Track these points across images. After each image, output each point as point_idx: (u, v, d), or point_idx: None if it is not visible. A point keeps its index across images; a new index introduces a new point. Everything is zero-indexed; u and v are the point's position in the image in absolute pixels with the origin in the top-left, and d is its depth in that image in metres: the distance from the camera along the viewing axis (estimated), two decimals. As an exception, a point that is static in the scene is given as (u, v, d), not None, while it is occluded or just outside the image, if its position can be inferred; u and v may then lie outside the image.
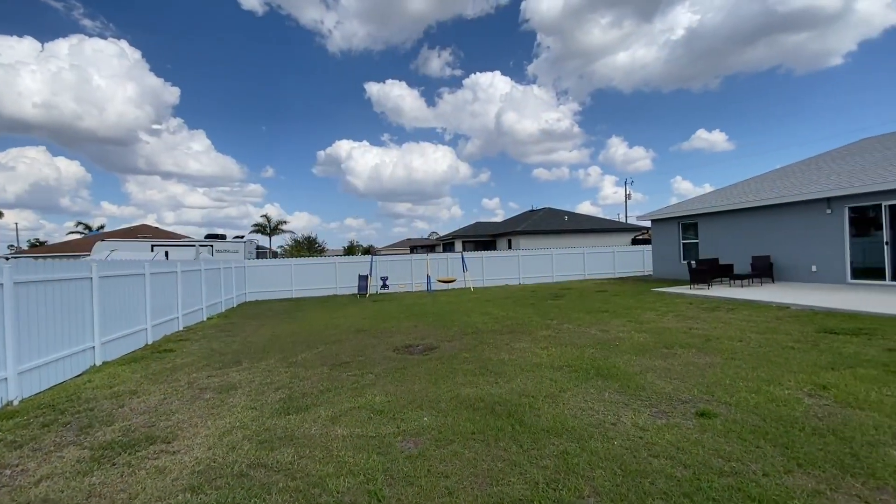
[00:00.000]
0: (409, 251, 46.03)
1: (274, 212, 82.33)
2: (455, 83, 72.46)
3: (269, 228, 45.38)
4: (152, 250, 19.06)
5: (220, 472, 3.29)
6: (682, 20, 58.67)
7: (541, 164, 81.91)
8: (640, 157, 76.81)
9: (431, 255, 20.87)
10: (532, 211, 36.00)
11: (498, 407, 4.34)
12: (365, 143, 76.11)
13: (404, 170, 75.51)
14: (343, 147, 74.53)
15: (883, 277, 11.04)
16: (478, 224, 37.46)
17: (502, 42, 69.80)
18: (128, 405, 5.00)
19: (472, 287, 18.79)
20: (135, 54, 59.80)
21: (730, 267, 13.80)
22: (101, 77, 54.82)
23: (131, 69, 57.94)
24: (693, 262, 14.06)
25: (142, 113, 60.69)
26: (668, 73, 62.25)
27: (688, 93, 66.77)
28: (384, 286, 18.89)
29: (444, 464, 3.24)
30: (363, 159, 75.01)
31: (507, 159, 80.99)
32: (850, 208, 11.70)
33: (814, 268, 12.55)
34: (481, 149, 79.97)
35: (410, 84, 73.06)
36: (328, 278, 19.61)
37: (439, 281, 18.69)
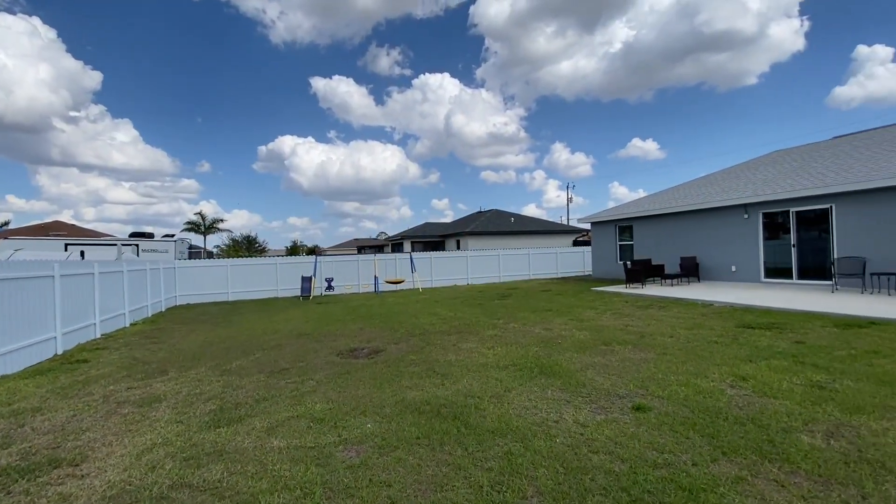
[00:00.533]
0: (356, 251, 45.08)
1: (210, 209, 77.63)
2: (404, 82, 72.05)
3: (203, 227, 42.45)
4: (66, 249, 17.22)
5: (135, 495, 2.96)
6: (619, 34, 62.15)
7: (489, 166, 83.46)
8: (581, 163, 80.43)
9: (379, 256, 20.54)
10: (480, 212, 36.54)
11: (444, 409, 4.29)
12: (310, 139, 73.65)
13: (352, 168, 73.95)
14: (286, 143, 71.66)
15: (791, 276, 12.27)
16: (427, 224, 37.44)
17: (452, 44, 70.31)
18: (29, 424, 4.41)
19: (421, 288, 18.70)
20: (49, 33, 53.82)
21: (661, 267, 14.74)
22: (9, 56, 48.78)
23: (44, 49, 52.02)
24: (628, 262, 14.87)
25: (57, 98, 54.61)
26: (606, 83, 65.66)
27: (624, 103, 70.81)
28: (329, 288, 18.32)
29: (386, 472, 3.12)
30: (308, 156, 72.56)
31: (457, 161, 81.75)
32: (763, 214, 12.89)
33: (733, 268, 13.71)
34: (431, 149, 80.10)
35: (358, 81, 71.67)
36: (268, 280, 18.69)
37: (387, 282, 18.42)
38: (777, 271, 12.64)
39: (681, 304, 10.41)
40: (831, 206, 11.26)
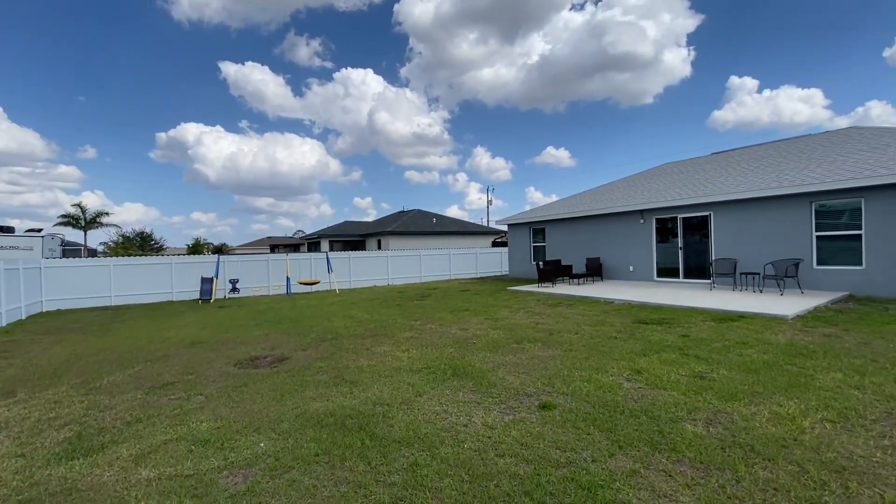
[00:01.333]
0: (269, 251, 42.32)
1: (95, 201, 68.32)
2: (325, 75, 69.33)
3: (83, 221, 36.87)
4: None
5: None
6: (537, 47, 65.60)
7: (413, 166, 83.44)
8: (501, 167, 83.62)
9: (292, 255, 19.36)
10: (402, 212, 36.25)
11: (349, 420, 4.00)
12: (219, 128, 67.89)
13: (266, 161, 69.50)
14: (190, 130, 65.30)
15: (678, 275, 13.70)
16: (346, 223, 36.27)
17: (376, 41, 69.06)
18: None
19: (338, 289, 17.97)
20: None
21: (570, 267, 15.66)
22: None
23: None
24: (541, 263, 15.60)
25: None
26: (524, 93, 68.95)
27: (541, 113, 74.93)
28: (234, 290, 16.86)
29: (276, 498, 2.79)
30: (216, 146, 66.80)
31: (381, 159, 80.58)
32: (656, 219, 14.25)
33: (631, 268, 14.98)
34: (353, 146, 78.06)
35: (275, 69, 67.57)
36: (162, 281, 16.70)
37: (301, 283, 17.42)
38: (667, 271, 14.04)
39: (586, 302, 11.08)
40: (710, 214, 12.76)
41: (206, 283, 16.05)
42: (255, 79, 65.00)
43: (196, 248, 49.22)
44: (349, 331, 8.53)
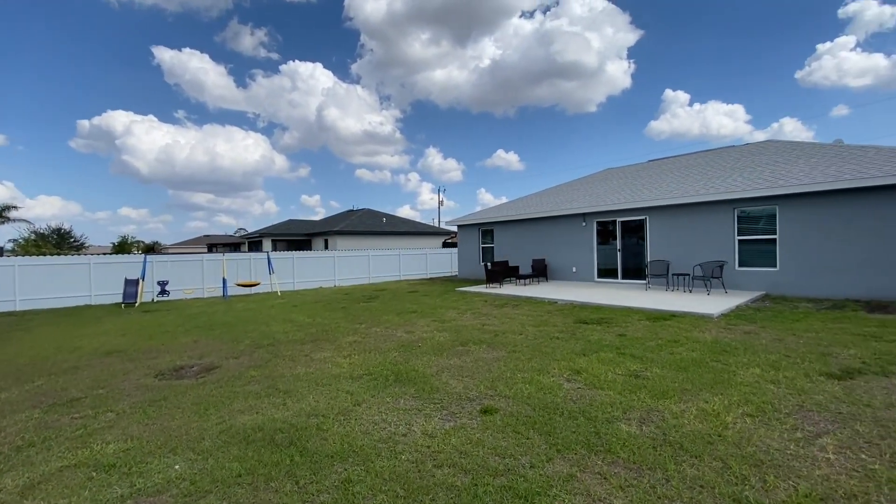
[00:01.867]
0: (206, 250, 39.77)
1: (3, 193, 61.09)
2: (271, 67, 66.44)
3: (-14, 216, 32.69)
4: None
5: None
6: (488, 51, 66.62)
7: (364, 164, 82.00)
8: (452, 169, 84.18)
9: (229, 255, 18.27)
10: (351, 211, 35.41)
11: (279, 435, 3.73)
12: (151, 117, 62.99)
13: (205, 155, 65.46)
14: (118, 119, 60.12)
15: (617, 276, 14.34)
16: (291, 222, 34.84)
17: (326, 35, 67.07)
18: None
19: (280, 291, 17.16)
20: None
21: (517, 268, 15.95)
22: None
23: None
24: (489, 264, 15.76)
25: None
26: (476, 96, 69.81)
27: (491, 116, 76.24)
28: (163, 292, 15.62)
29: (187, 529, 2.50)
30: (148, 137, 62.01)
31: (330, 156, 78.45)
32: (597, 222, 14.84)
33: (574, 269, 15.50)
34: (301, 141, 75.40)
35: (215, 58, 63.80)
36: (79, 284, 15.13)
37: (239, 285, 16.46)
38: (607, 272, 14.66)
39: (531, 302, 11.30)
40: (646, 218, 13.46)
41: (131, 285, 14.74)
42: (193, 67, 61.03)
43: (123, 247, 45.32)
44: (288, 336, 8.10)
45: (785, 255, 10.66)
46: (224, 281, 16.13)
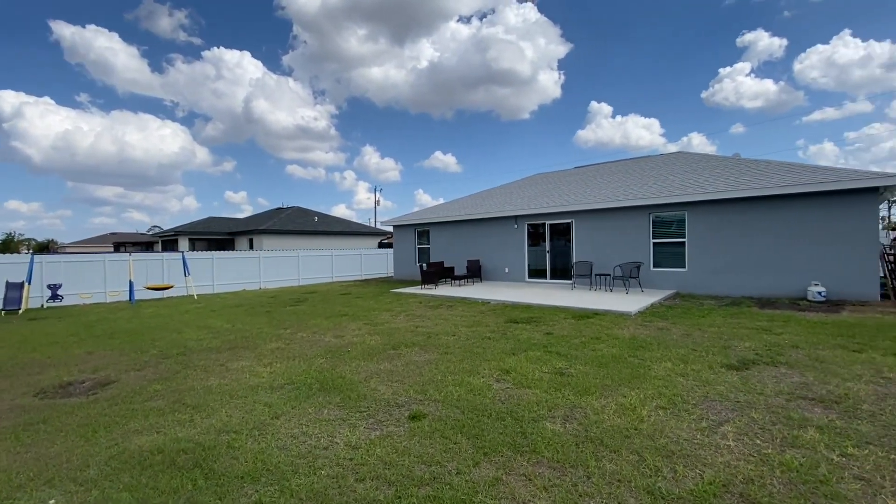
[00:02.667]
0: (112, 249, 35.76)
1: None
2: (192, 52, 61.56)
3: None
4: None
5: None
6: (426, 53, 66.87)
7: (296, 160, 78.60)
8: (390, 168, 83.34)
9: (138, 255, 16.51)
10: (280, 209, 33.63)
11: (182, 457, 3.33)
12: (48, 99, 55.77)
13: (113, 144, 59.04)
14: (6, 99, 52.50)
15: (546, 276, 14.92)
16: (212, 219, 32.35)
17: (254, 22, 63.43)
18: None
19: (196, 295, 15.80)
20: None
21: (452, 269, 16.04)
22: None
23: None
24: (424, 265, 15.70)
25: None
26: (414, 96, 69.78)
27: (429, 117, 76.62)
28: (55, 297, 13.74)
29: (51, 581, 2.10)
30: (43, 121, 54.78)
31: (258, 150, 74.23)
32: (528, 225, 15.34)
33: (507, 269, 15.90)
34: (226, 134, 70.58)
35: (127, 38, 57.91)
36: (-58, 289, 12.83)
37: (149, 288, 14.92)
38: (537, 272, 15.21)
39: (465, 303, 11.38)
40: (572, 221, 14.14)
41: (14, 289, 12.78)
42: (99, 45, 54.88)
43: (8, 245, 39.46)
44: (202, 344, 7.41)
45: (693, 257, 11.70)
46: (130, 284, 14.51)
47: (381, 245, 31.76)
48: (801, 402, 4.08)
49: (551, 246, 14.85)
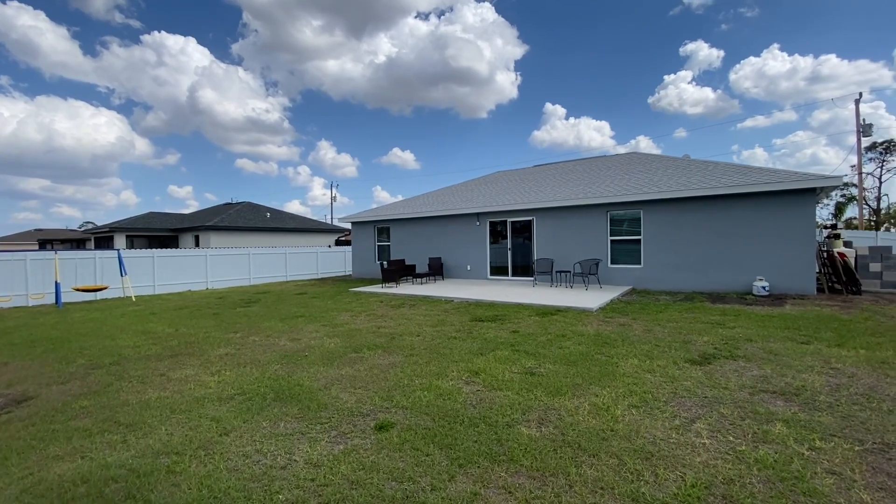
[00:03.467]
0: (37, 246, 32.46)
1: None
2: (130, 35, 57.15)
3: None
4: None
5: None
6: (384, 48, 65.74)
7: (246, 154, 75.14)
8: (347, 164, 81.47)
9: (66, 253, 14.97)
10: (229, 204, 31.83)
11: (113, 486, 2.88)
12: (-47, 79, 49.68)
13: (39, 132, 53.81)
14: None
15: (507, 274, 14.95)
16: (153, 215, 30.09)
17: (200, 8, 59.75)
18: None
19: (135, 296, 14.56)
20: None
21: (413, 267, 15.74)
22: None
23: None
24: (385, 262, 15.30)
25: None
26: (371, 91, 68.47)
27: (387, 113, 75.54)
28: (-36, 301, 12.15)
29: None
30: (-52, 104, 48.73)
31: (205, 143, 70.24)
32: (490, 222, 15.31)
33: (469, 267, 15.81)
34: (169, 124, 66.24)
35: (55, 18, 52.89)
36: None
37: (78, 290, 13.55)
38: (499, 269, 15.22)
39: (428, 301, 11.14)
40: (533, 219, 14.24)
41: None
42: (22, 23, 49.71)
43: None
44: (139, 351, 6.71)
45: (648, 254, 12.07)
46: (57, 285, 13.10)
47: (338, 242, 30.84)
48: (764, 396, 4.16)
49: (513, 243, 14.89)
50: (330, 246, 28.97)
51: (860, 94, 24.75)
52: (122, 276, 14.45)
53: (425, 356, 5.88)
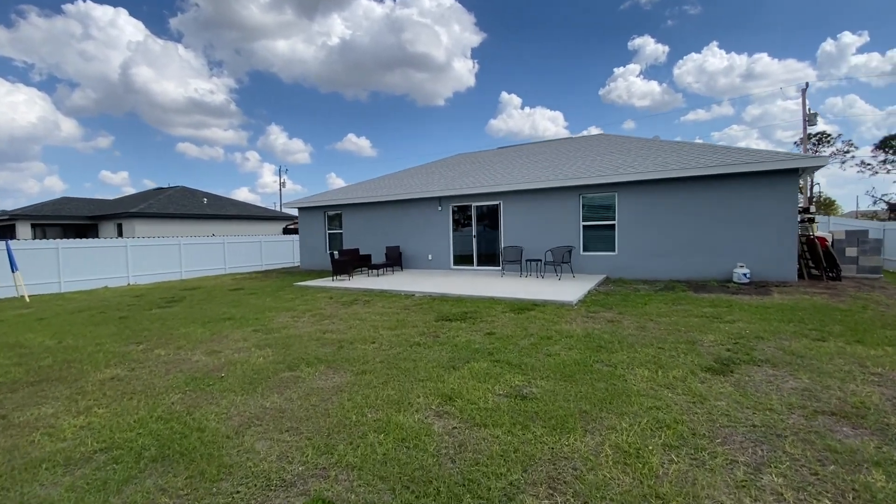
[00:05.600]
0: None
1: None
2: (51, 5, 50.44)
3: None
4: None
5: None
6: (337, 29, 62.22)
7: (189, 138, 69.49)
8: (299, 150, 77.36)
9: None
10: (161, 189, 28.58)
11: None
12: None
13: (-72, 107, 46.58)
14: None
15: (472, 263, 13.81)
16: (66, 201, 26.32)
17: (126, -29, 53.51)
18: None
19: (28, 297, 12.14)
20: None
21: (369, 257, 14.25)
22: None
23: None
24: (336, 252, 13.71)
25: None
26: (324, 74, 64.90)
27: (341, 98, 72.10)
28: None
29: None
30: None
31: (141, 125, 64.11)
32: (453, 207, 14.05)
33: (430, 256, 14.52)
34: (99, 104, 59.76)
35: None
36: None
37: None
38: (463, 259, 14.04)
39: (386, 296, 9.77)
40: (500, 203, 13.12)
41: None
42: None
43: None
44: (-12, 378, 4.93)
45: (623, 241, 11.29)
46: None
47: (286, 231, 28.52)
48: (825, 421, 3.20)
49: (478, 230, 13.73)
50: (283, 232, 26.69)
51: (807, 84, 25.59)
52: (13, 272, 11.96)
53: (382, 373, 4.56)
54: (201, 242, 18.05)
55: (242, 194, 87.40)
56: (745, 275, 9.39)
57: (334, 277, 12.85)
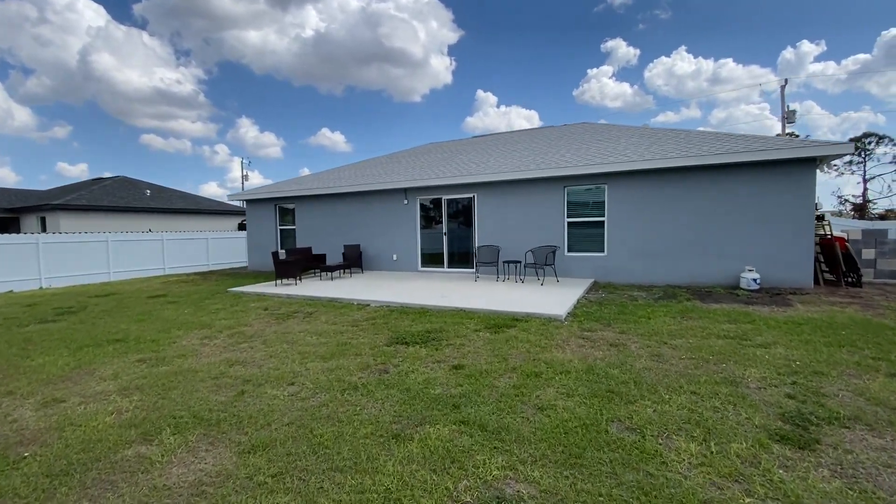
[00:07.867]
0: None
1: None
2: (-17, -25, 45.55)
3: None
4: None
5: None
6: (311, 21, 59.32)
7: (154, 129, 65.13)
8: (271, 144, 74.00)
9: None
10: (98, 179, 25.67)
11: None
12: None
13: None
14: None
15: (443, 264, 12.19)
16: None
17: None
18: None
19: None
20: None
21: (323, 257, 12.42)
22: None
23: None
24: (283, 252, 11.82)
25: None
26: (298, 67, 61.93)
27: (315, 91, 69.11)
28: None
29: None
30: None
31: (102, 115, 59.46)
32: (421, 201, 12.37)
33: (395, 257, 12.81)
34: (56, 92, 55.03)
35: None
36: None
37: None
38: (432, 258, 12.41)
39: (334, 307, 8.03)
40: (474, 196, 11.54)
41: None
42: None
43: None
44: None
45: (613, 239, 9.89)
46: None
47: (241, 227, 26.16)
48: None
49: (449, 227, 12.10)
50: (239, 227, 24.35)
51: (786, 81, 24.97)
52: None
53: (281, 452, 2.88)
54: (134, 239, 15.73)
55: (211, 189, 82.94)
56: (754, 280, 8.12)
57: (279, 281, 10.98)
